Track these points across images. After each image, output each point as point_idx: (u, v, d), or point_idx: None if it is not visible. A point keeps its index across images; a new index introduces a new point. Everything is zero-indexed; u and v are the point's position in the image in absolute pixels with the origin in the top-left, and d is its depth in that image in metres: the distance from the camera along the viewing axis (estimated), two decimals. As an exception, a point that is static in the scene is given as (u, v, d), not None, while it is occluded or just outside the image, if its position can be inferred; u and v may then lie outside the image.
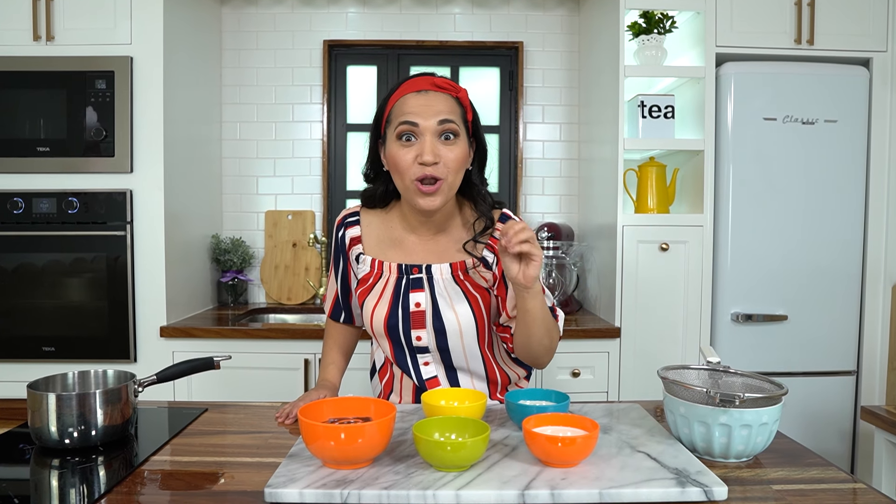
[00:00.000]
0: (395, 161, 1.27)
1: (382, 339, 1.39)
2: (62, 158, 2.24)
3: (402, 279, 1.37)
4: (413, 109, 1.25)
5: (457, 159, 1.26)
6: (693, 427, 1.06)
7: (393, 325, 1.35)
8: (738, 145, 2.32)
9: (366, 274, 1.40)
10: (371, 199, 1.43)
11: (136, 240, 2.28)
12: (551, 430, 1.04)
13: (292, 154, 2.95)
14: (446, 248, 1.38)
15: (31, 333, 2.27)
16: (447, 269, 1.36)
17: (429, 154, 1.23)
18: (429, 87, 1.27)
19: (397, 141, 1.27)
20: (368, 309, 1.38)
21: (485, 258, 1.37)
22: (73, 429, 1.09)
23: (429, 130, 1.25)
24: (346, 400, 1.10)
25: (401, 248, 1.40)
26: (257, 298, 2.96)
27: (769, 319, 2.33)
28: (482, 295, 1.36)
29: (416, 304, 1.35)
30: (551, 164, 2.95)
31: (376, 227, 1.43)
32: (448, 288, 1.35)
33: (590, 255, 2.70)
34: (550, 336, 1.30)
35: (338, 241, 1.46)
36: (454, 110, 1.27)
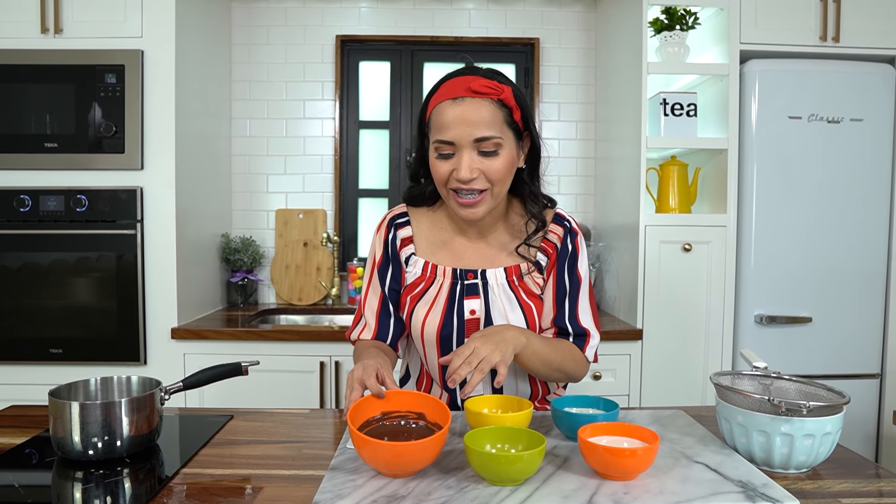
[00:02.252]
0: (434, 171, 1.23)
1: (431, 349, 1.31)
2: (70, 155, 2.18)
3: (456, 284, 1.30)
4: (448, 123, 1.17)
5: (499, 170, 1.20)
6: (752, 436, 1.01)
7: (447, 334, 1.28)
8: (762, 144, 2.27)
9: (417, 278, 1.33)
10: (419, 199, 1.36)
11: (146, 238, 2.21)
12: (607, 441, 0.99)
13: (303, 151, 2.89)
14: (497, 250, 1.32)
15: (38, 335, 2.21)
16: (502, 275, 1.30)
17: (465, 171, 1.17)
18: (465, 94, 1.17)
19: (435, 153, 1.21)
20: (420, 317, 1.30)
21: (538, 262, 1.31)
22: (97, 439, 1.03)
23: (465, 146, 1.18)
24: (399, 394, 1.04)
25: (450, 250, 1.33)
26: (267, 299, 2.90)
27: (793, 321, 2.29)
28: (535, 303, 1.30)
29: (470, 312, 1.28)
30: (567, 162, 2.90)
31: (426, 228, 1.36)
32: (502, 295, 1.29)
33: (608, 256, 2.65)
34: (562, 370, 1.26)
35: (388, 245, 1.36)
36: (495, 117, 1.18)
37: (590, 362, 1.33)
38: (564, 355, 1.25)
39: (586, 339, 1.30)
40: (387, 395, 1.03)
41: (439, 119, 1.18)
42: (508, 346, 1.11)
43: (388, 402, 1.03)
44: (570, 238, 1.32)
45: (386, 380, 1.06)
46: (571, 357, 1.27)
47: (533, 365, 1.20)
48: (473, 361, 1.06)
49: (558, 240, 1.32)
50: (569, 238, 1.32)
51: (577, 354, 1.29)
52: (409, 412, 1.03)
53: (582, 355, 1.30)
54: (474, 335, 1.13)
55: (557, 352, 1.24)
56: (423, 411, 1.03)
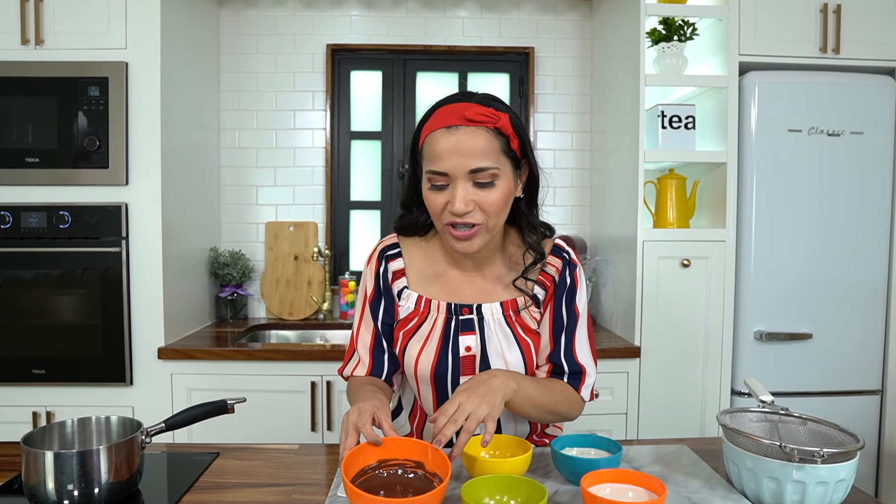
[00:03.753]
0: (427, 202, 1.17)
1: (425, 387, 1.26)
2: (53, 170, 2.11)
3: (450, 320, 1.25)
4: (441, 153, 1.11)
5: (496, 203, 1.14)
6: (761, 482, 0.96)
7: (441, 372, 1.23)
8: (762, 157, 2.23)
9: (409, 313, 1.27)
10: (411, 229, 1.30)
11: (131, 256, 2.15)
12: (611, 490, 0.94)
13: (294, 163, 2.83)
14: (493, 283, 1.27)
15: (21, 354, 2.14)
16: (499, 310, 1.25)
17: (459, 204, 1.12)
18: (460, 123, 1.11)
19: (428, 183, 1.16)
20: (413, 354, 1.24)
21: (536, 296, 1.26)
22: (73, 487, 0.97)
23: (460, 178, 1.12)
24: (396, 441, 0.99)
25: (444, 283, 1.28)
26: (257, 314, 2.84)
27: (793, 338, 2.25)
28: (533, 339, 1.25)
29: (466, 349, 1.23)
30: (563, 173, 2.86)
31: (419, 260, 1.30)
32: (499, 331, 1.24)
33: (604, 269, 2.61)
34: (555, 412, 1.21)
35: (379, 278, 1.30)
36: (491, 147, 1.12)
37: (585, 402, 1.27)
38: (558, 397, 1.20)
39: (582, 378, 1.25)
40: (383, 441, 0.98)
41: (432, 148, 1.13)
42: (497, 397, 1.05)
43: (384, 449, 0.98)
44: (568, 271, 1.27)
45: (383, 424, 1.01)
46: (566, 399, 1.22)
47: (525, 410, 1.15)
48: (459, 419, 1.00)
49: (557, 272, 1.27)
50: (567, 271, 1.27)
51: (572, 395, 1.24)
52: (406, 461, 0.98)
53: (577, 396, 1.25)
54: (459, 389, 1.07)
55: (550, 394, 1.19)
56: (421, 460, 0.97)
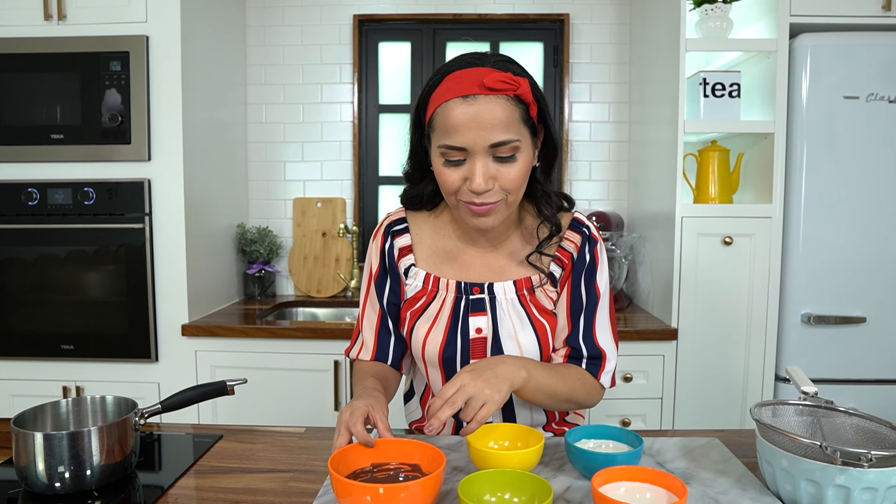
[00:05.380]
0: (440, 178, 1.07)
1: (434, 370, 1.19)
2: (77, 146, 2.11)
3: (460, 300, 1.16)
4: (458, 126, 1.00)
5: (517, 178, 1.05)
6: (799, 485, 0.86)
7: (450, 355, 1.15)
8: (813, 127, 2.07)
9: (417, 292, 1.20)
10: (417, 201, 1.21)
11: (155, 232, 2.14)
12: (625, 490, 0.85)
13: (321, 137, 2.77)
14: (507, 260, 1.18)
15: (50, 331, 2.16)
16: (511, 288, 1.16)
17: (479, 181, 1.02)
18: (478, 91, 1.00)
19: (442, 157, 1.05)
20: (420, 336, 1.17)
21: (552, 273, 1.17)
22: (63, 469, 0.94)
23: (479, 153, 1.02)
24: (388, 442, 0.93)
25: (454, 260, 1.19)
26: (285, 290, 2.82)
27: (844, 322, 2.10)
28: (548, 320, 1.16)
29: (476, 330, 1.15)
30: (599, 146, 2.73)
31: (427, 236, 1.22)
32: (511, 311, 1.15)
33: (641, 247, 2.49)
34: (571, 400, 1.12)
35: (385, 255, 1.22)
36: (512, 117, 1.01)
37: (605, 388, 1.18)
38: (574, 385, 1.11)
39: (601, 363, 1.16)
40: (378, 443, 0.92)
41: (447, 120, 1.02)
42: (503, 384, 0.96)
43: (378, 451, 0.92)
44: (588, 247, 1.17)
45: (378, 424, 0.94)
46: (582, 386, 1.13)
47: (537, 399, 1.07)
48: (458, 401, 0.92)
49: (575, 249, 1.17)
50: (587, 247, 1.17)
51: (590, 382, 1.15)
52: (402, 464, 0.91)
53: (595, 383, 1.16)
54: (463, 369, 0.99)
55: (565, 382, 1.10)
56: (417, 462, 0.91)
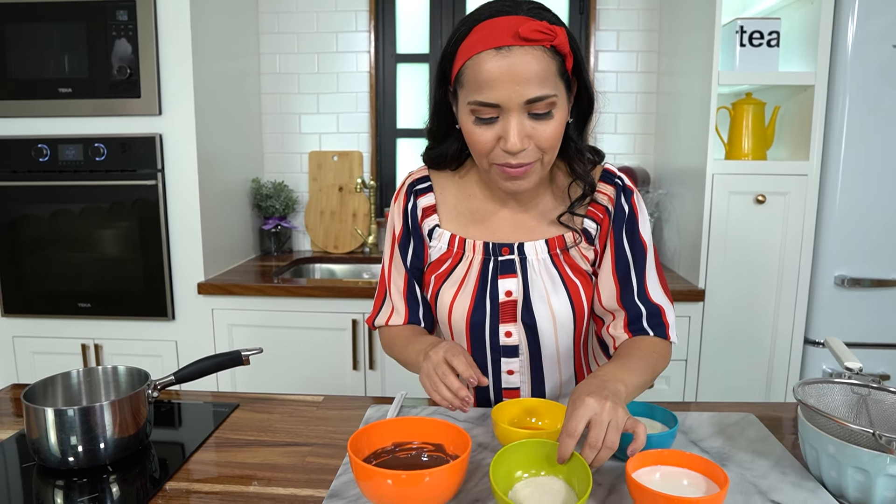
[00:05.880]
0: (470, 139, 1.00)
1: (460, 337, 1.13)
2: (86, 100, 2.04)
3: (488, 261, 1.10)
4: (491, 80, 0.92)
5: (553, 136, 0.97)
6: (845, 472, 0.81)
7: (478, 320, 1.10)
8: (857, 79, 1.94)
9: (442, 255, 1.13)
10: (440, 160, 1.14)
11: (168, 189, 2.09)
12: (661, 475, 0.81)
13: (337, 89, 2.68)
14: (537, 220, 1.11)
15: (67, 288, 2.14)
16: (543, 248, 1.09)
17: (514, 140, 0.94)
18: (512, 42, 0.91)
19: (471, 115, 0.97)
20: (446, 300, 1.11)
21: (586, 230, 1.10)
22: (77, 443, 0.91)
23: (514, 110, 0.94)
24: (410, 421, 0.89)
25: (480, 220, 1.13)
26: (302, 246, 2.77)
27: (880, 285, 2.02)
28: (583, 281, 1.09)
29: (506, 293, 1.09)
30: (626, 98, 2.61)
31: (452, 196, 1.15)
32: (543, 272, 1.08)
33: (668, 204, 2.40)
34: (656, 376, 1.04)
35: (408, 215, 1.16)
36: (548, 71, 0.93)
37: (674, 344, 1.11)
38: (654, 361, 1.03)
39: (663, 318, 1.09)
40: (399, 422, 0.88)
41: (478, 74, 0.94)
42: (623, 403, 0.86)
43: (400, 429, 0.88)
44: (624, 197, 1.09)
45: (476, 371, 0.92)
46: (659, 356, 1.06)
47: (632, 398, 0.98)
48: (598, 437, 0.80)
49: (609, 202, 1.10)
50: (623, 197, 1.09)
51: (661, 347, 1.07)
52: (424, 443, 0.87)
53: (666, 344, 1.09)
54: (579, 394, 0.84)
55: (646, 364, 1.01)
56: (441, 442, 0.87)
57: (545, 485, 0.83)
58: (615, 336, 1.10)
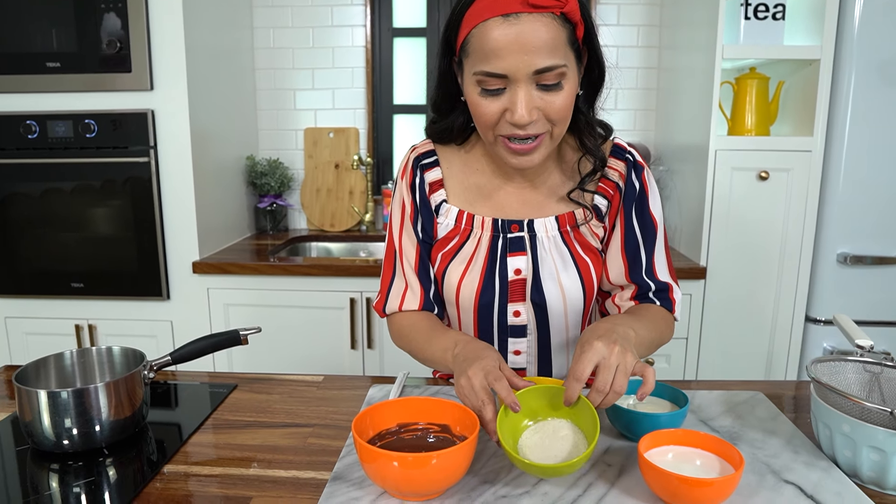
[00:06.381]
0: (476, 111, 0.96)
1: (468, 316, 1.10)
2: (75, 75, 1.99)
3: (497, 239, 1.07)
4: (498, 50, 0.88)
5: (563, 108, 0.93)
6: (860, 451, 0.80)
7: (487, 300, 1.07)
8: (864, 53, 1.91)
9: (449, 231, 1.10)
10: (446, 134, 1.10)
11: (161, 166, 2.04)
12: (673, 455, 0.79)
13: (332, 64, 2.63)
14: (546, 196, 1.08)
15: (58, 268, 2.11)
16: (553, 225, 1.06)
17: (522, 112, 0.90)
18: (521, 9, 0.87)
19: (477, 86, 0.93)
20: (454, 279, 1.08)
21: (597, 206, 1.07)
22: (71, 426, 0.89)
23: (522, 80, 0.90)
24: (415, 401, 0.87)
25: (488, 196, 1.09)
26: (298, 224, 2.74)
27: (882, 262, 2.00)
28: (593, 259, 1.07)
29: (515, 272, 1.06)
30: (626, 73, 2.57)
31: (458, 171, 1.11)
32: (553, 250, 1.06)
33: (669, 180, 2.37)
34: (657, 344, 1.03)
35: (415, 190, 1.11)
36: (558, 39, 0.89)
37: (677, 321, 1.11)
38: (660, 327, 1.03)
39: (670, 295, 1.08)
40: (404, 403, 0.85)
41: (485, 43, 0.90)
42: (633, 348, 0.84)
43: (405, 410, 0.85)
44: (635, 174, 1.07)
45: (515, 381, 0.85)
46: (665, 325, 1.05)
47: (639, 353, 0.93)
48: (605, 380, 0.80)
49: (620, 178, 1.07)
50: (634, 174, 1.07)
51: (669, 318, 1.07)
52: (430, 424, 0.85)
53: (671, 318, 1.08)
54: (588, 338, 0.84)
55: (655, 326, 1.01)
56: (447, 422, 0.84)
57: (553, 431, 0.82)
58: (620, 306, 1.09)
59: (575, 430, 0.82)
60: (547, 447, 0.80)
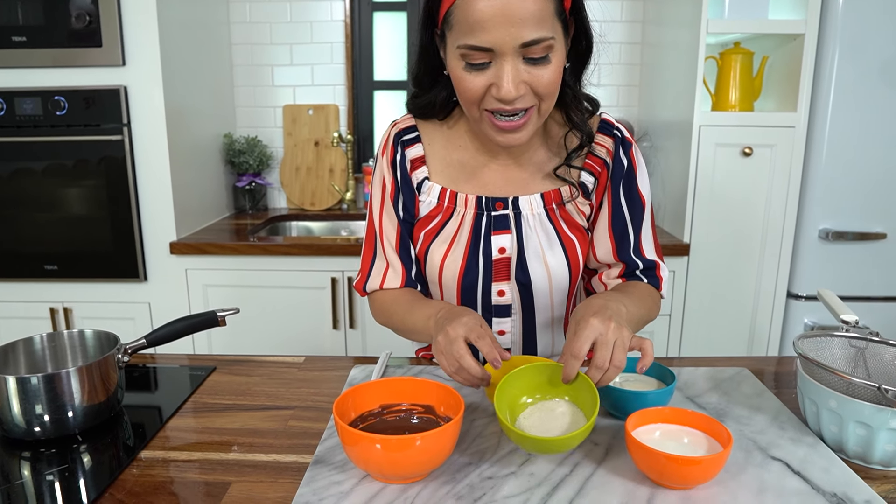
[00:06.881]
0: (459, 85, 0.93)
1: (451, 297, 1.08)
2: (43, 50, 1.92)
3: (481, 217, 1.05)
4: (483, 22, 0.84)
5: (551, 82, 0.90)
6: (847, 427, 0.79)
7: (470, 280, 1.05)
8: (849, 27, 1.89)
9: (431, 210, 1.07)
10: (428, 110, 1.07)
11: (135, 144, 1.99)
12: (661, 433, 0.78)
13: (311, 39, 2.57)
14: (531, 172, 1.05)
15: (31, 250, 2.05)
16: (538, 202, 1.04)
17: (509, 87, 0.87)
18: None
19: (461, 60, 0.90)
20: (436, 259, 1.06)
21: (583, 184, 1.05)
22: (43, 412, 0.86)
23: (508, 54, 0.87)
24: (402, 382, 0.85)
25: (472, 173, 1.06)
26: (278, 203, 2.69)
27: (863, 238, 2.01)
28: (579, 237, 1.05)
29: (499, 250, 1.04)
30: (609, 48, 2.54)
31: (441, 147, 1.08)
32: (539, 228, 1.03)
33: (653, 157, 2.36)
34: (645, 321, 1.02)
35: (396, 167, 1.08)
36: (545, 11, 0.85)
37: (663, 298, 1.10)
38: (648, 304, 1.02)
39: (657, 272, 1.07)
40: (387, 383, 0.83)
41: (469, 15, 0.86)
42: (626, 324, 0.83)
43: (388, 390, 0.83)
44: (623, 150, 1.05)
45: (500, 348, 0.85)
46: (653, 303, 1.05)
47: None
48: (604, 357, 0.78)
49: (608, 154, 1.05)
50: (621, 150, 1.05)
51: (656, 296, 1.07)
52: (413, 405, 0.83)
53: (658, 295, 1.07)
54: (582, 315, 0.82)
55: (643, 303, 1.00)
56: (431, 403, 0.83)
57: (551, 408, 0.82)
58: (608, 283, 1.07)
59: (574, 408, 0.81)
60: (545, 424, 0.79)
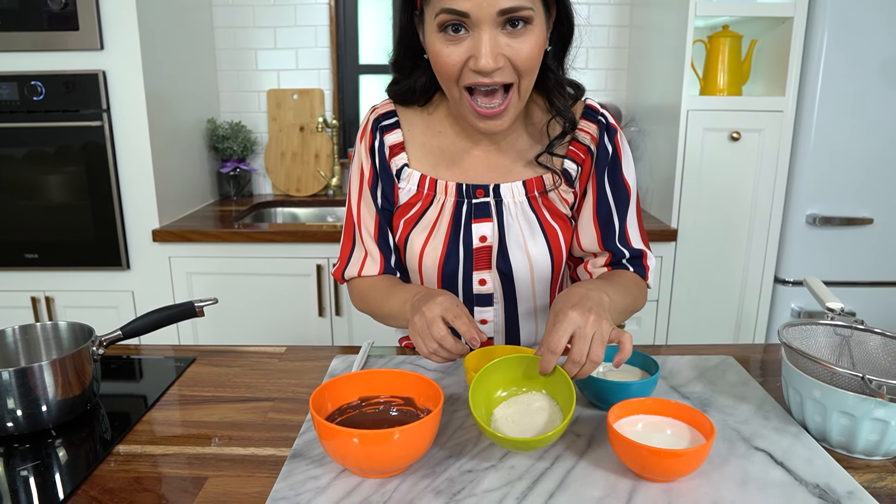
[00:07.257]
0: (437, 61, 0.90)
1: (431, 285, 1.07)
2: (17, 33, 1.87)
3: (461, 204, 1.03)
4: None
5: (532, 55, 0.88)
6: (830, 416, 0.79)
7: (451, 269, 1.03)
8: (839, 11, 1.88)
9: (411, 197, 1.05)
10: (408, 95, 1.05)
11: (115, 130, 1.95)
12: (643, 425, 0.77)
13: (295, 22, 2.53)
14: (513, 159, 1.04)
15: (11, 239, 2.01)
16: (520, 190, 1.02)
17: (486, 57, 0.85)
18: None
19: (438, 32, 0.88)
20: (416, 247, 1.04)
21: (566, 171, 1.03)
22: (15, 407, 0.84)
23: (485, 22, 0.84)
24: (376, 374, 0.83)
25: (452, 160, 1.05)
26: (263, 190, 2.66)
27: (850, 223, 2.01)
28: (562, 226, 1.03)
29: (480, 239, 1.03)
30: (597, 31, 2.51)
31: (421, 133, 1.06)
32: (520, 216, 1.02)
33: (640, 142, 2.35)
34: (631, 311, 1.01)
35: (375, 154, 1.06)
36: None
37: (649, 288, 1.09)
38: (634, 293, 1.01)
39: (644, 262, 1.05)
40: (365, 375, 0.82)
41: None
42: (608, 314, 0.81)
43: (366, 382, 0.82)
44: (608, 137, 1.03)
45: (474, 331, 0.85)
46: (640, 292, 1.03)
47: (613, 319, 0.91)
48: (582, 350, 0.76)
49: (592, 141, 1.03)
50: (606, 137, 1.03)
51: (642, 285, 1.05)
52: (393, 397, 0.82)
53: (644, 284, 1.06)
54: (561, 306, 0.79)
55: (629, 293, 0.99)
56: (410, 395, 0.81)
57: (528, 402, 0.80)
58: (593, 272, 1.06)
59: (551, 402, 0.80)
60: (521, 419, 0.78)
